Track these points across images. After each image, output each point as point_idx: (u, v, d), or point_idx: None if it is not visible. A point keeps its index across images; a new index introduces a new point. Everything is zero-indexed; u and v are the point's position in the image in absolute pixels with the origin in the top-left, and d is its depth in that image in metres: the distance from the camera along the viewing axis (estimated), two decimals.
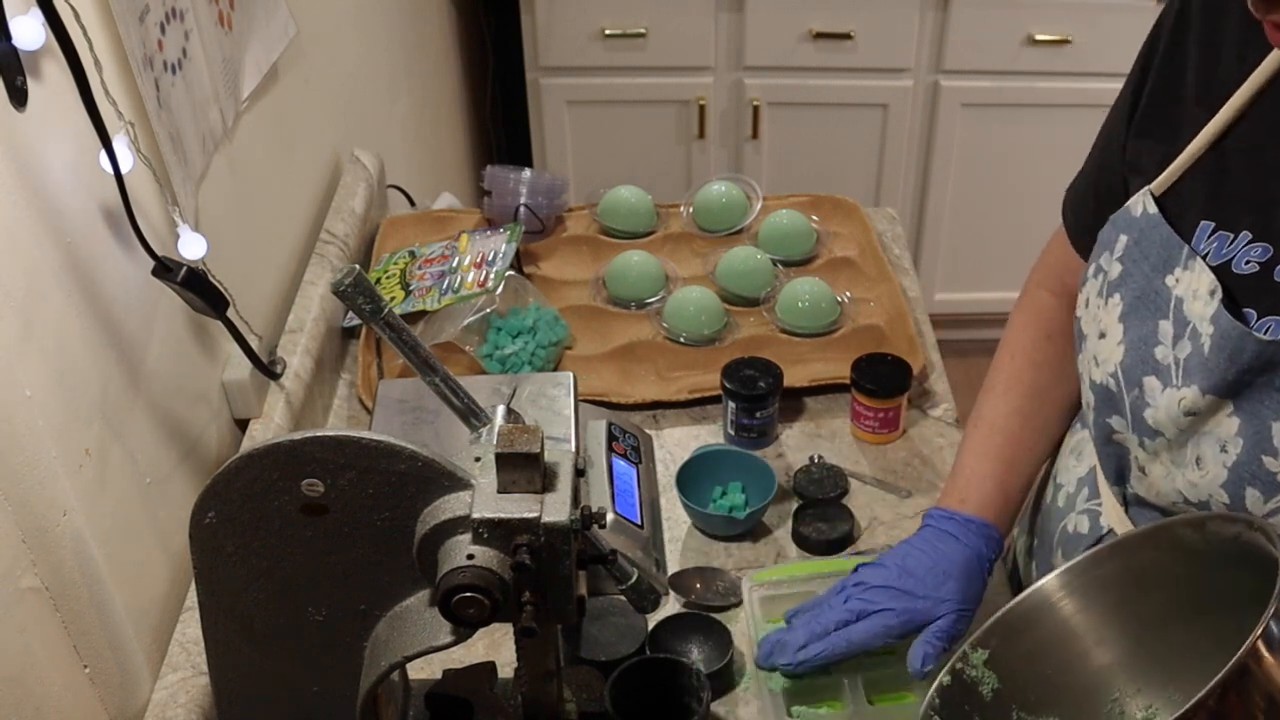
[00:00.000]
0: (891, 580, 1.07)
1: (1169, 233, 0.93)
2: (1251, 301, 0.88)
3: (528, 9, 2.72)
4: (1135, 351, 0.95)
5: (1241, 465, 0.88)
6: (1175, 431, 0.92)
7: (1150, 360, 0.94)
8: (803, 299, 1.58)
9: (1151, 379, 0.94)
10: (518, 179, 1.77)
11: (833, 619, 1.07)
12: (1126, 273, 0.96)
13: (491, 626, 0.88)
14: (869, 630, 1.05)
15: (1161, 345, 0.93)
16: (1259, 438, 0.87)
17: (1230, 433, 0.89)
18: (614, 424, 1.36)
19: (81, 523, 0.97)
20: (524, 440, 0.85)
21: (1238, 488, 0.89)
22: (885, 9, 2.69)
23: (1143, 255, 0.95)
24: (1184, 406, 0.91)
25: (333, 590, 0.90)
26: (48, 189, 0.96)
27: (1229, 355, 0.87)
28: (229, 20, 1.34)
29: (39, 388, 0.93)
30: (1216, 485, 0.90)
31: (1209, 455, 0.90)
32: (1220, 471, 0.90)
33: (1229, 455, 0.89)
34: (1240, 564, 0.81)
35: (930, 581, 1.07)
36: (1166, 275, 0.93)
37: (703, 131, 2.86)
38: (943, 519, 1.12)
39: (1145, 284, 0.95)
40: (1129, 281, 0.96)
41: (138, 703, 1.07)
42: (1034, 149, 2.87)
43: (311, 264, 1.59)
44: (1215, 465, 0.90)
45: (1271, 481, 0.86)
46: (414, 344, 0.99)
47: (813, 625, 1.07)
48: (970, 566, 1.08)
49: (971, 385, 1.28)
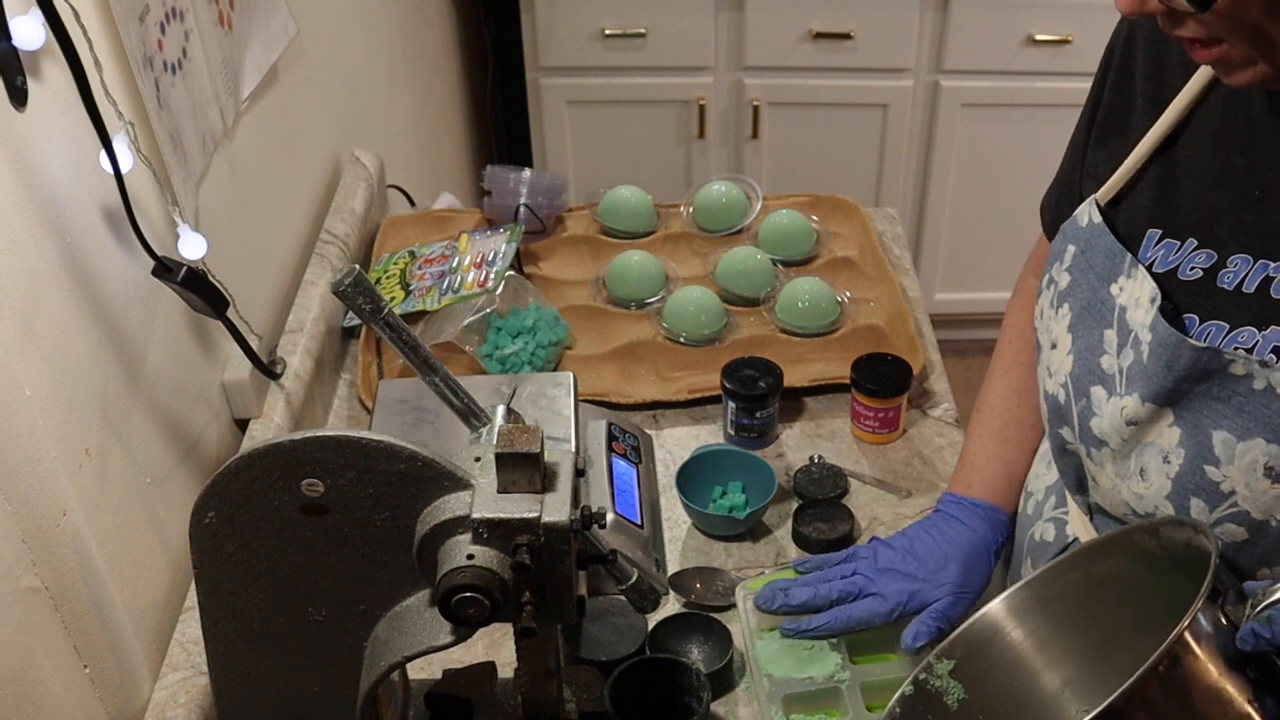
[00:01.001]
0: (896, 562, 1.12)
1: (1113, 242, 0.94)
2: (1193, 307, 0.89)
3: (528, 9, 2.72)
4: (1082, 361, 0.96)
5: (1184, 476, 0.88)
6: (1119, 441, 0.93)
7: (1096, 370, 0.94)
8: (803, 299, 1.58)
9: (1098, 388, 0.94)
10: (518, 179, 1.77)
11: (835, 589, 1.12)
12: (1074, 283, 0.97)
13: (491, 626, 0.88)
14: (868, 609, 1.10)
15: (1107, 355, 0.94)
16: (1200, 447, 0.87)
17: (1172, 443, 0.89)
18: (614, 424, 1.36)
19: (81, 523, 0.97)
20: (524, 440, 0.85)
21: (1182, 498, 0.89)
22: (885, 9, 2.69)
23: (1089, 265, 0.96)
24: (1125, 415, 0.91)
25: (333, 590, 0.90)
26: (48, 189, 0.96)
27: (1166, 363, 0.87)
28: (229, 20, 1.34)
29: (39, 388, 0.93)
30: (1161, 496, 0.91)
31: (1152, 466, 0.91)
32: (1164, 483, 0.90)
33: (1171, 466, 0.89)
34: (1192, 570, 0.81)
35: (932, 565, 1.11)
36: (1111, 284, 0.94)
37: (703, 131, 2.86)
38: (951, 504, 1.17)
39: (1091, 294, 0.95)
40: (1076, 291, 0.97)
41: (138, 703, 1.07)
42: (1034, 149, 2.86)
43: (311, 264, 1.59)
44: (1159, 476, 0.90)
45: (1215, 491, 0.87)
46: (414, 344, 0.99)
47: (817, 589, 1.12)
48: (974, 550, 1.12)
49: (972, 385, 1.29)
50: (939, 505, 1.19)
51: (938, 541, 1.13)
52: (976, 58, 2.74)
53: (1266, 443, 0.83)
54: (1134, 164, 0.95)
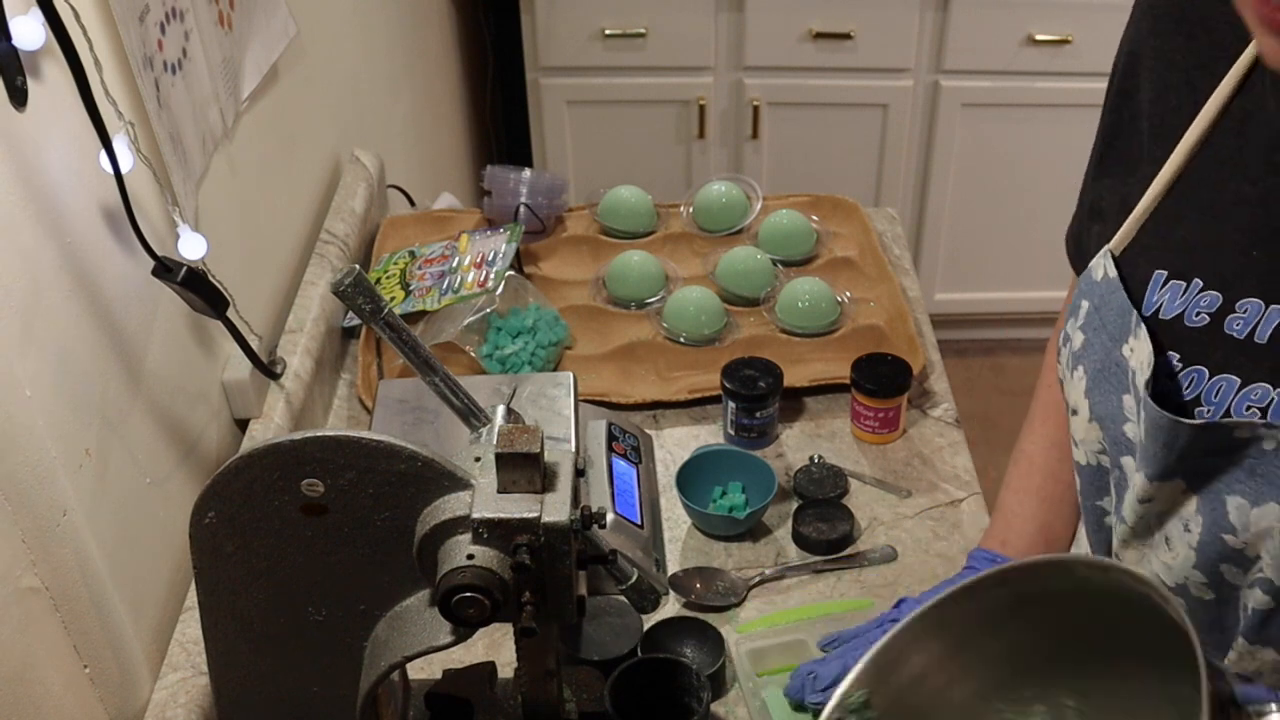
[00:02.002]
0: None
1: (1124, 299, 0.87)
2: (1200, 358, 0.82)
3: (528, 9, 2.72)
4: (1108, 431, 0.89)
5: (1206, 544, 0.82)
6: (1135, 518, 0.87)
7: (1122, 440, 0.88)
8: (803, 299, 1.58)
9: (1128, 459, 0.88)
10: (518, 179, 1.77)
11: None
12: (1088, 343, 0.90)
13: (491, 626, 0.88)
14: None
15: (1130, 422, 0.86)
16: (1215, 515, 0.81)
17: (1190, 511, 0.83)
18: (614, 424, 1.36)
19: (81, 523, 0.97)
20: (524, 440, 0.85)
21: (1210, 566, 0.83)
22: (885, 9, 2.69)
23: (1101, 324, 0.89)
24: (1137, 494, 0.85)
25: (333, 590, 0.90)
26: (48, 189, 0.96)
27: (1165, 443, 0.81)
28: (229, 20, 1.34)
29: (39, 388, 0.93)
30: (1189, 566, 0.84)
31: (1175, 535, 0.85)
32: (1189, 552, 0.84)
33: (1193, 534, 0.83)
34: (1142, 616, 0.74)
35: None
36: (1122, 345, 0.87)
37: (703, 131, 2.86)
38: (985, 562, 1.10)
39: (1105, 355, 0.89)
40: (1090, 353, 0.90)
41: (138, 703, 1.07)
42: (1034, 149, 2.87)
43: (311, 264, 1.59)
44: (1183, 546, 0.84)
45: (1241, 557, 0.81)
46: (414, 344, 0.99)
47: (846, 661, 1.06)
48: None
49: (971, 385, 1.28)
50: (970, 562, 1.12)
51: None
52: (976, 58, 2.74)
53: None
54: (1146, 208, 0.87)
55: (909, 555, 1.30)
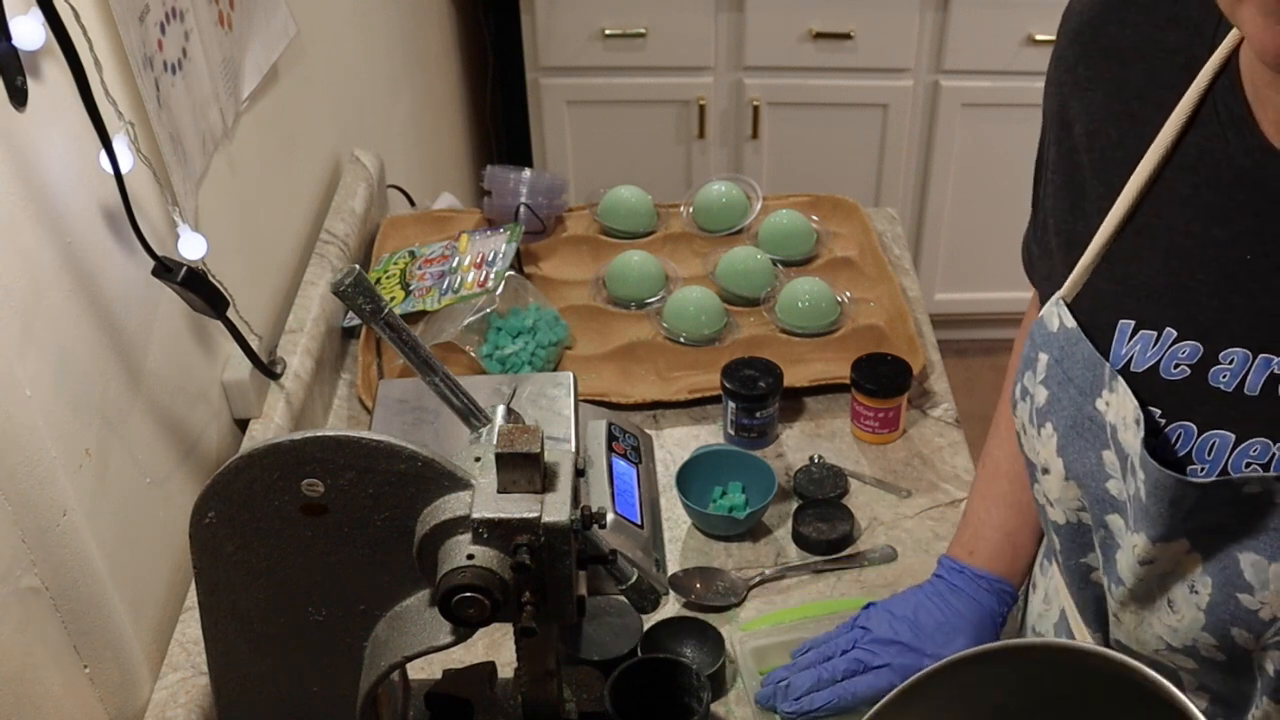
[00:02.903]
0: (901, 634, 1.07)
1: (1090, 351, 0.82)
2: (1185, 413, 0.78)
3: (528, 9, 2.72)
4: (1089, 490, 0.85)
5: (1217, 606, 0.78)
6: (1134, 581, 0.82)
7: (1106, 498, 0.83)
8: (803, 299, 1.58)
9: (1114, 518, 0.84)
10: (518, 179, 1.77)
11: (839, 668, 1.07)
12: (1054, 398, 0.85)
13: (491, 626, 0.88)
14: (873, 686, 1.05)
15: (1113, 478, 0.82)
16: (1228, 574, 0.76)
17: (1195, 572, 0.79)
18: (614, 424, 1.36)
19: (81, 523, 0.97)
20: (524, 440, 0.85)
21: (1221, 629, 0.78)
22: (885, 9, 2.69)
23: (1067, 378, 0.84)
24: (1137, 555, 0.80)
25: (333, 590, 0.90)
26: (48, 189, 0.96)
27: (1170, 503, 0.76)
28: (229, 20, 1.34)
29: (39, 388, 0.93)
30: (1197, 629, 0.80)
31: (1179, 598, 0.80)
32: (1196, 615, 0.79)
33: (1200, 596, 0.78)
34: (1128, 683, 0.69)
35: (939, 638, 1.06)
36: (1095, 399, 0.82)
37: (703, 131, 2.86)
38: (953, 571, 1.11)
39: (1076, 411, 0.83)
40: (1058, 409, 0.85)
41: (138, 703, 1.07)
42: (1034, 149, 2.86)
43: (311, 264, 1.59)
44: (1189, 608, 0.80)
45: (1255, 619, 0.76)
46: (414, 344, 0.99)
47: (819, 672, 1.07)
48: (980, 624, 1.07)
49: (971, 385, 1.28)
50: (939, 570, 1.12)
51: (944, 613, 1.07)
52: (976, 58, 2.74)
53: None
54: (1097, 253, 0.82)
55: (909, 555, 1.30)
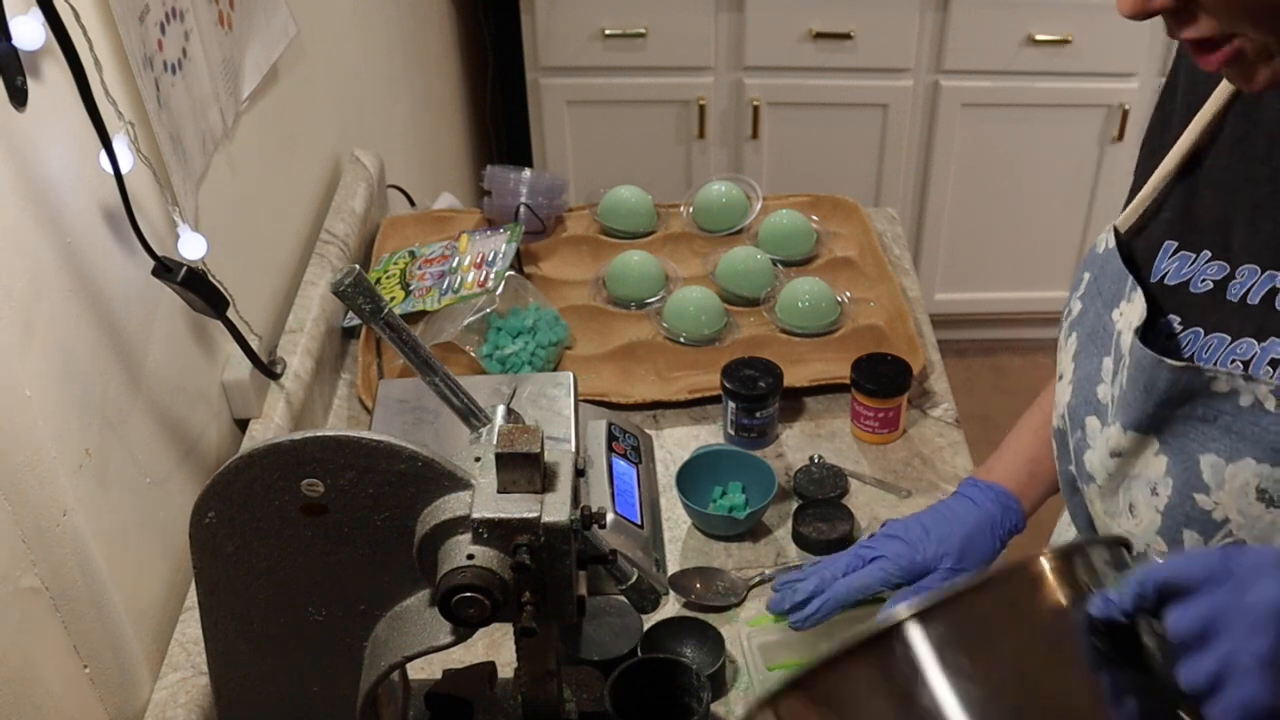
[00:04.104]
0: (900, 531, 1.12)
1: (1119, 266, 0.91)
2: (1199, 321, 0.86)
3: (528, 9, 2.72)
4: (1080, 391, 0.93)
5: (1174, 508, 0.85)
6: (1105, 477, 0.90)
7: (1093, 399, 0.92)
8: (803, 299, 1.58)
9: (1093, 419, 0.92)
10: (518, 179, 1.77)
11: (842, 564, 1.11)
12: (1084, 310, 0.95)
13: (491, 626, 0.88)
14: (868, 575, 1.09)
15: (1103, 383, 0.91)
16: (1188, 474, 0.84)
17: (1159, 473, 0.86)
18: (614, 424, 1.36)
19: (81, 523, 0.97)
20: (524, 440, 0.85)
21: (1174, 532, 0.86)
22: (885, 9, 2.69)
23: (1098, 291, 0.93)
24: (1110, 446, 0.88)
25: (333, 590, 0.90)
26: (48, 189, 0.96)
27: (1145, 386, 0.84)
28: (229, 20, 1.34)
29: (39, 388, 0.93)
30: (1152, 532, 0.88)
31: (1140, 500, 0.88)
32: (1154, 517, 0.87)
33: (1160, 498, 0.86)
34: None
35: (936, 536, 1.10)
36: (1114, 309, 0.91)
37: (703, 131, 2.86)
38: (968, 485, 1.16)
39: (1096, 320, 0.93)
40: (1084, 319, 0.95)
41: (138, 703, 1.07)
42: (1034, 149, 2.86)
43: (311, 264, 1.59)
44: (1148, 510, 0.87)
45: (1208, 520, 0.83)
46: (414, 344, 0.99)
47: (823, 570, 1.11)
48: (978, 528, 1.11)
49: (971, 385, 1.28)
50: (959, 489, 1.18)
51: (945, 517, 1.12)
52: (976, 58, 2.74)
53: (1256, 462, 0.80)
54: (1156, 185, 0.92)
55: None
